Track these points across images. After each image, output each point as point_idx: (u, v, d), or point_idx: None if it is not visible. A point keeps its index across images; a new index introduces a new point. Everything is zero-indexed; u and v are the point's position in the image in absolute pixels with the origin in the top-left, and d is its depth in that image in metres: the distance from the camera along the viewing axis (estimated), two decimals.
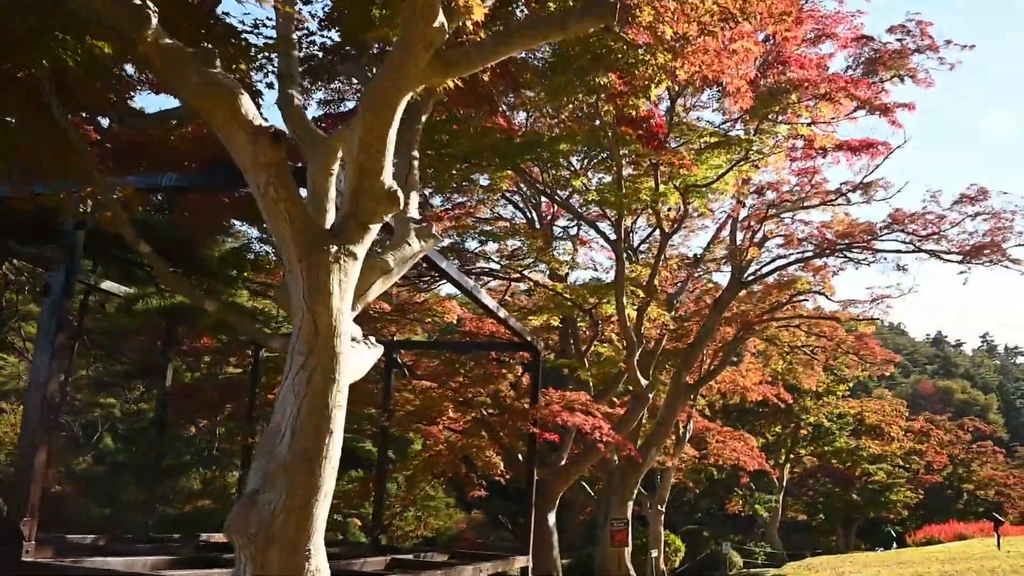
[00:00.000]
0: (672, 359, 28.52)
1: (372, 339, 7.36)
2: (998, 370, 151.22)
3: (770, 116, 17.13)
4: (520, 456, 21.57)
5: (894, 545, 38.81)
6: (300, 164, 6.99)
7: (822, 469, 53.17)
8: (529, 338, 18.03)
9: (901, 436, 48.10)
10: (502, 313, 16.86)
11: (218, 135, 5.92)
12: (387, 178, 6.15)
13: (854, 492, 51.49)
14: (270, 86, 8.28)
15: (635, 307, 22.98)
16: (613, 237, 22.05)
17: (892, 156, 21.75)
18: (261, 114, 5.99)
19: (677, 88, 18.42)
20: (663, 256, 23.76)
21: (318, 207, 6.32)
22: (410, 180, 8.25)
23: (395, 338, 25.29)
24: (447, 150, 17.69)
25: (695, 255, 29.04)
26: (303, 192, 6.31)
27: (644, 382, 22.75)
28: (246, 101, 5.74)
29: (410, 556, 16.59)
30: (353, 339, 6.73)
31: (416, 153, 8.48)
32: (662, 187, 20.01)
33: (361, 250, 6.40)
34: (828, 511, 53.89)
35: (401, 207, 6.42)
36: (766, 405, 42.25)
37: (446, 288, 25.42)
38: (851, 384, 47.63)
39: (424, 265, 25.36)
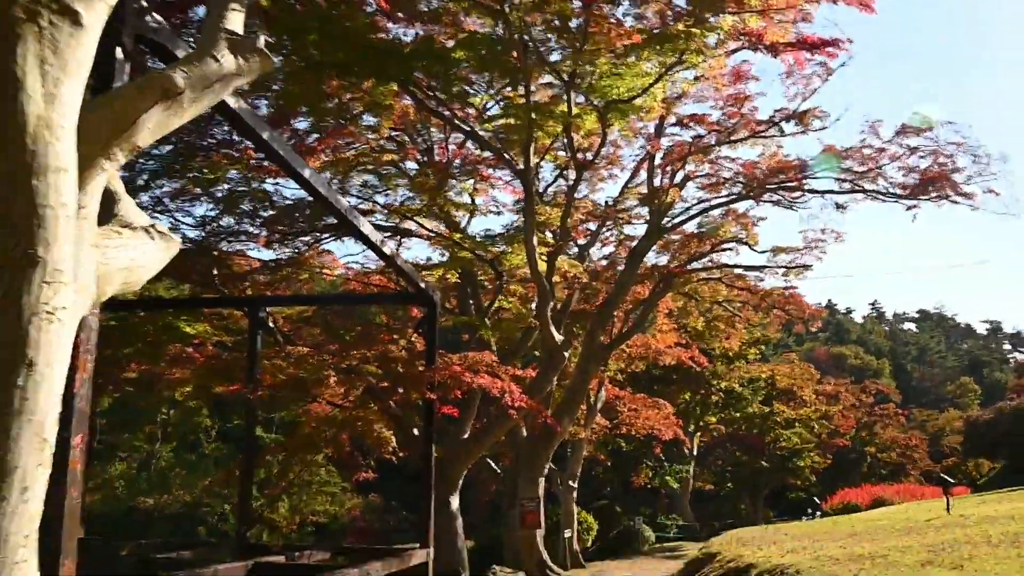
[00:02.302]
0: (582, 321, 25.66)
1: (162, 226, 3.93)
2: (887, 335, 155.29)
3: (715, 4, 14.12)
4: (417, 431, 18.30)
5: (818, 514, 37.01)
6: None
7: (731, 437, 51.64)
8: (423, 285, 14.74)
9: (814, 399, 46.65)
10: (387, 248, 13.53)
11: None
12: None
13: (763, 459, 49.99)
14: None
15: (545, 259, 19.97)
16: (521, 173, 18.83)
17: (833, 78, 19.17)
18: None
19: None
20: (575, 195, 20.75)
21: None
22: None
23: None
24: (318, 55, 14.22)
25: (607, 202, 26.14)
26: None
27: (559, 337, 19.77)
28: None
29: (281, 557, 13.12)
30: (118, 218, 3.48)
31: None
32: (576, 108, 16.98)
33: (93, 16, 2.96)
34: (736, 480, 52.30)
35: None
36: (677, 371, 40.06)
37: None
38: (765, 346, 46.19)
39: (299, 217, 21.86)
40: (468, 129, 17.80)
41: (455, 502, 19.46)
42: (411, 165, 21.44)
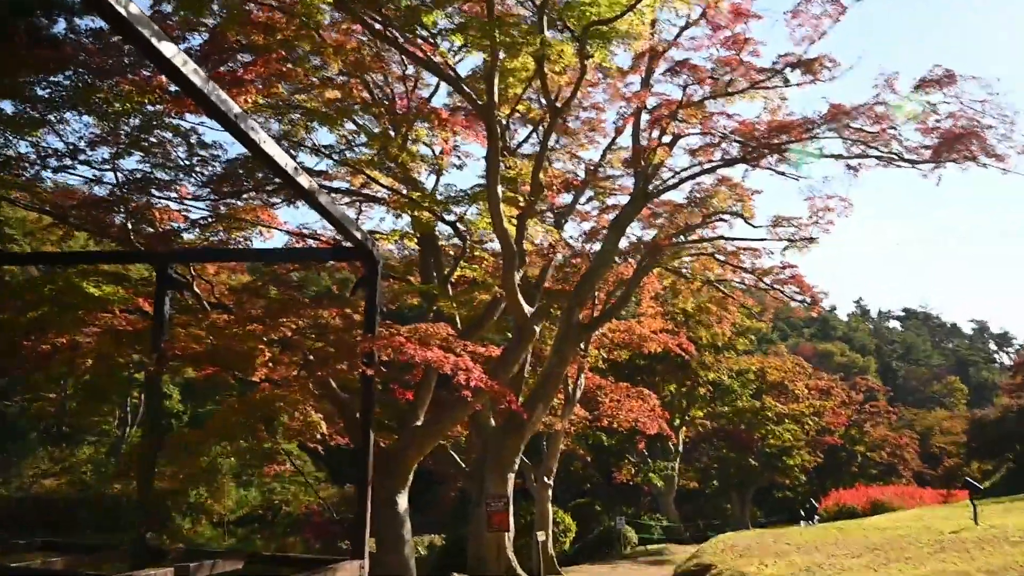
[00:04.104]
0: (559, 301, 22.96)
1: None
2: (872, 333, 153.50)
3: None
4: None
5: (816, 518, 34.37)
6: None
7: (717, 432, 49.06)
8: (359, 234, 12.02)
9: (806, 393, 44.06)
10: (323, 198, 10.82)
11: None
12: None
13: (751, 457, 47.36)
14: None
15: (515, 222, 17.27)
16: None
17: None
18: None
19: None
20: (549, 145, 18.05)
21: None
22: None
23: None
24: None
25: (587, 167, 23.38)
26: None
27: (528, 309, 17.07)
28: None
29: (169, 570, 10.35)
30: None
31: None
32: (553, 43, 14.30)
33: None
34: (722, 478, 49.61)
35: None
36: (662, 360, 37.45)
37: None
38: (757, 336, 43.64)
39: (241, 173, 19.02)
40: (423, 56, 15.00)
41: (403, 501, 16.66)
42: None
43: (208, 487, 28.52)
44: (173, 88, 15.56)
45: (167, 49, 7.02)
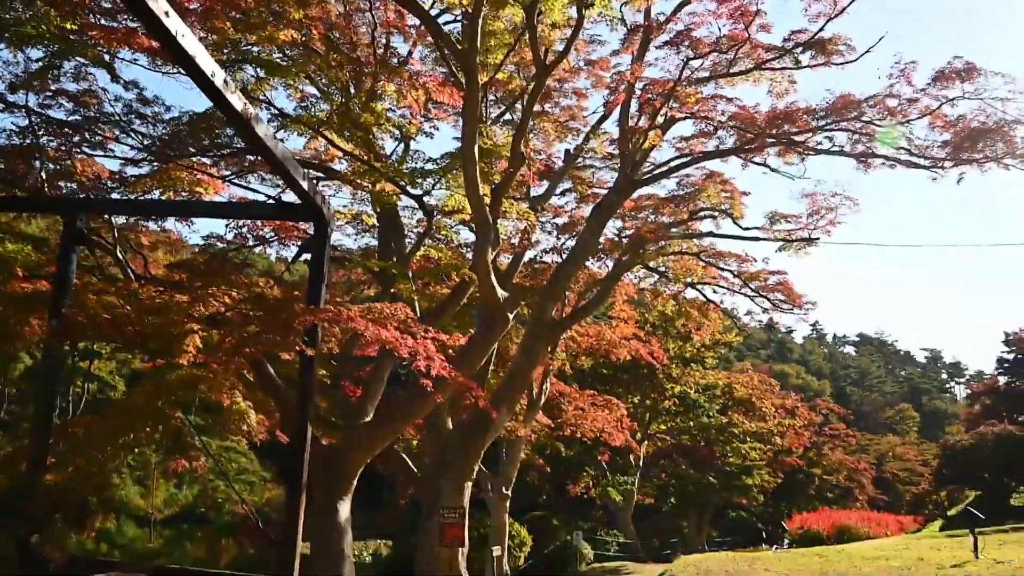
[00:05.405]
0: (529, 296, 20.98)
1: None
2: (827, 357, 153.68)
3: None
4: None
5: (786, 542, 32.66)
6: None
7: (677, 448, 47.31)
8: (305, 185, 9.89)
9: (773, 412, 42.47)
10: (261, 129, 8.69)
11: None
12: None
13: (711, 475, 45.65)
14: None
15: (489, 196, 15.21)
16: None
17: None
18: None
19: None
20: (534, 109, 16.06)
21: None
22: None
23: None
24: None
25: (568, 150, 21.42)
26: None
27: (502, 293, 15.02)
28: None
29: None
30: None
31: None
32: None
33: None
34: (680, 495, 47.82)
35: None
36: (629, 370, 35.61)
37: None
38: (726, 350, 41.92)
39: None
40: None
41: (345, 509, 14.40)
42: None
43: (124, 483, 25.91)
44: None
45: None
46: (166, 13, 6.45)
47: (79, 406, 37.25)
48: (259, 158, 17.27)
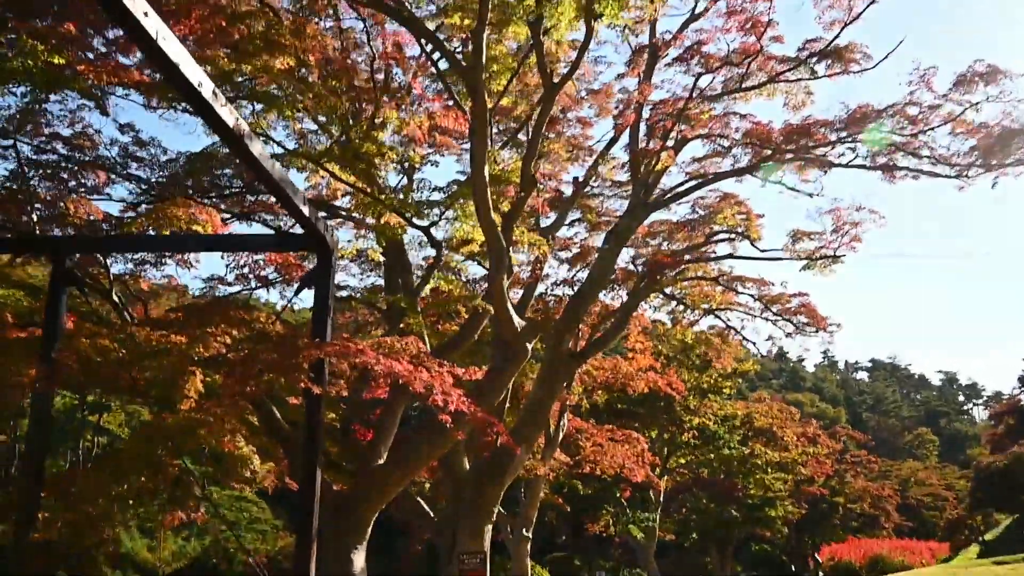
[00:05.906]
0: (542, 331, 20.25)
1: None
2: (840, 384, 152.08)
3: None
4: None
5: (820, 574, 31.57)
6: None
7: (697, 482, 46.20)
8: (306, 210, 9.21)
9: (795, 441, 41.44)
10: (256, 147, 8.04)
11: None
12: None
13: (733, 508, 44.51)
14: None
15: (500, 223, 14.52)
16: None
17: None
18: None
19: None
20: (543, 131, 15.41)
21: None
22: None
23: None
24: None
25: (576, 178, 20.79)
26: None
27: (519, 322, 14.28)
28: None
29: None
30: None
31: None
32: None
33: None
34: (702, 530, 46.65)
35: None
36: (644, 403, 34.76)
37: None
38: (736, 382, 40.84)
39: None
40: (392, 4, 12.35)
41: (360, 559, 13.52)
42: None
43: (132, 535, 25.02)
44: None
45: None
46: (145, 13, 5.81)
47: (89, 460, 36.46)
48: (259, 198, 16.86)
